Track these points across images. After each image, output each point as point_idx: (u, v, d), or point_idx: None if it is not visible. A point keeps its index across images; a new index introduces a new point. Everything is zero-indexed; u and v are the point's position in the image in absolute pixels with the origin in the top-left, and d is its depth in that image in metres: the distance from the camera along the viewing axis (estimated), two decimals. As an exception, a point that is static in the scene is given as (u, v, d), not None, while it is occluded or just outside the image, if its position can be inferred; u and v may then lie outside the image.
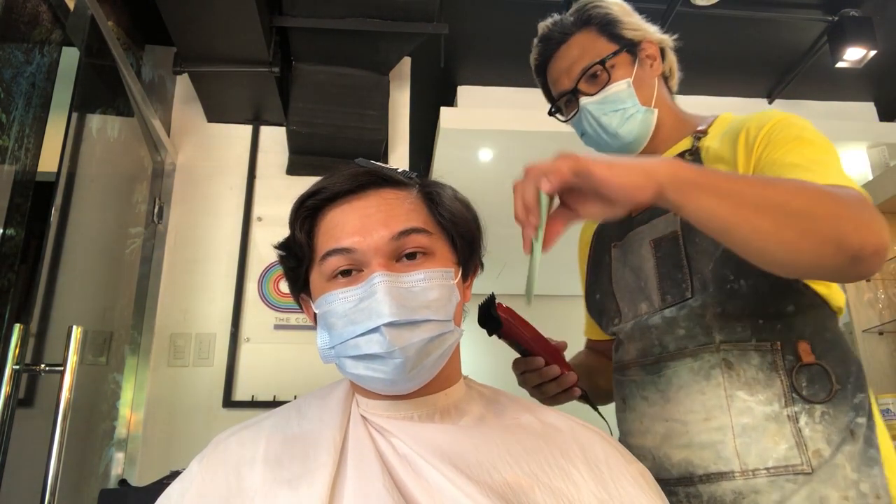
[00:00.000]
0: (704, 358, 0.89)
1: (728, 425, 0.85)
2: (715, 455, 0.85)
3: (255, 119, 2.37)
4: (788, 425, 0.83)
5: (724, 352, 0.87)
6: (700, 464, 0.86)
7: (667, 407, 0.91)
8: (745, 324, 0.88)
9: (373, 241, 0.68)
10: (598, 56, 1.00)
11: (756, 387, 0.85)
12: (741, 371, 0.86)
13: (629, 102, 1.00)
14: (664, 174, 0.67)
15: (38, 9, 1.35)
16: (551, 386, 0.97)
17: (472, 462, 0.66)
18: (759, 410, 0.84)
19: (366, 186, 0.72)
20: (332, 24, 1.99)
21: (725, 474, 0.84)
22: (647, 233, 0.98)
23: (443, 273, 0.70)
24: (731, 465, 0.84)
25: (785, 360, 0.85)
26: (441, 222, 0.74)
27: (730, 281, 0.88)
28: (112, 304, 1.88)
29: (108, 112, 1.78)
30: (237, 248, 2.21)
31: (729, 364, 0.87)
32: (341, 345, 0.68)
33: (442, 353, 0.69)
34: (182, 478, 0.70)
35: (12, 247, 1.24)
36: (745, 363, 0.86)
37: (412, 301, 0.66)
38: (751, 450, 0.83)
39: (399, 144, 2.45)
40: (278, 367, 2.11)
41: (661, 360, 0.93)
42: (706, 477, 0.85)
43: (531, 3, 2.65)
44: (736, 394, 0.86)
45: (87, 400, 1.68)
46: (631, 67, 1.01)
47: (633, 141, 1.02)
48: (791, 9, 2.69)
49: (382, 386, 0.69)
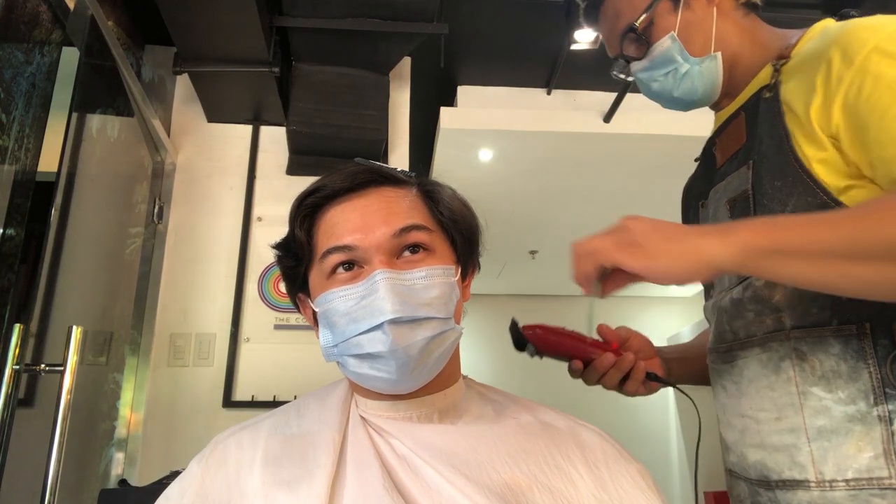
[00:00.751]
0: (773, 348, 0.76)
1: (801, 427, 0.73)
2: (789, 460, 0.74)
3: (255, 119, 2.37)
4: (879, 428, 0.68)
5: (795, 340, 0.74)
6: (774, 468, 0.76)
7: (742, 401, 0.81)
8: (822, 303, 0.73)
9: (374, 238, 0.68)
10: (634, 15, 0.87)
11: (836, 381, 0.71)
12: (816, 362, 0.72)
13: (679, 59, 0.87)
14: (724, 256, 0.61)
15: (38, 9, 1.35)
16: (613, 376, 0.89)
17: (471, 462, 0.66)
18: (839, 410, 0.70)
19: (366, 184, 0.72)
20: (332, 24, 1.99)
21: (801, 482, 0.73)
22: (724, 191, 0.85)
23: (444, 270, 0.70)
24: (806, 472, 0.72)
25: (877, 346, 0.69)
26: (440, 220, 0.74)
27: None
28: (112, 304, 1.88)
29: (108, 112, 1.78)
30: (237, 248, 2.21)
31: (801, 354, 0.73)
32: (344, 343, 0.68)
33: (443, 351, 0.69)
34: (181, 478, 0.70)
35: (12, 247, 1.24)
36: (822, 352, 0.72)
37: (414, 298, 0.66)
38: (828, 457, 0.71)
39: (399, 144, 2.45)
40: (278, 367, 2.11)
41: (733, 349, 0.83)
42: (781, 483, 0.75)
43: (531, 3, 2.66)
44: (810, 390, 0.72)
45: (87, 400, 1.68)
46: (674, 15, 0.87)
47: (700, 98, 0.90)
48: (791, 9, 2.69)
49: (385, 385, 0.69)
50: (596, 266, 0.68)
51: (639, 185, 3.85)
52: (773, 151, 0.76)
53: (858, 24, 0.72)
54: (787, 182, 0.74)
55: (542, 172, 3.70)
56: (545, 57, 2.98)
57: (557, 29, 2.67)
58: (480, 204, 0.80)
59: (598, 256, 0.66)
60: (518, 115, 3.14)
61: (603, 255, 0.66)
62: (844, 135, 0.70)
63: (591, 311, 3.07)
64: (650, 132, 3.15)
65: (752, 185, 0.78)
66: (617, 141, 3.24)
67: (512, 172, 3.66)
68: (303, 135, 2.20)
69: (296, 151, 2.31)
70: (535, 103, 3.20)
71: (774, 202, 0.75)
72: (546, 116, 3.16)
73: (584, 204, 4.19)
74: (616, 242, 0.66)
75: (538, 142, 3.31)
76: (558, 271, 5.67)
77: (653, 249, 0.64)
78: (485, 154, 3.45)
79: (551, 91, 3.18)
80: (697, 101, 0.91)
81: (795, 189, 0.73)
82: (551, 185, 3.89)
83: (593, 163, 3.58)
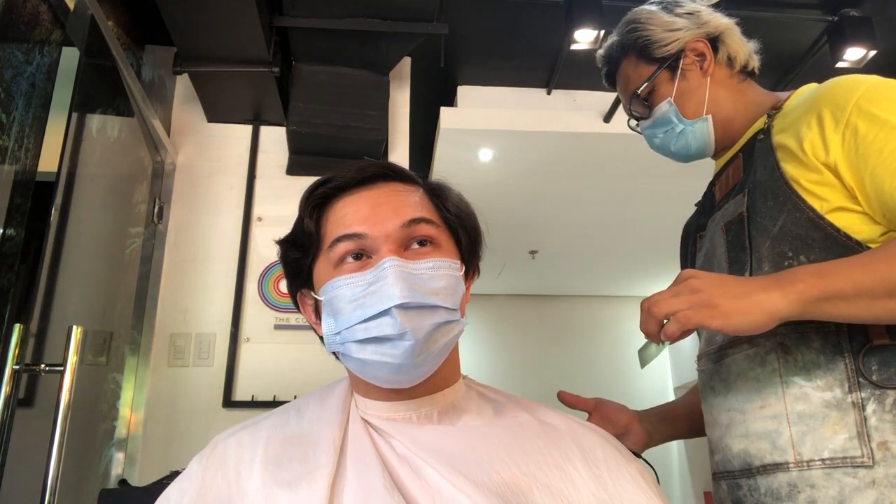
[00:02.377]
0: (760, 343, 0.84)
1: (783, 413, 0.80)
2: (771, 445, 0.81)
3: (255, 119, 2.37)
4: (852, 413, 0.75)
5: (780, 335, 0.81)
6: (757, 454, 0.82)
7: (728, 396, 0.88)
8: None
9: (384, 228, 0.69)
10: (639, 83, 1.02)
11: (815, 371, 0.78)
12: (798, 355, 0.80)
13: (675, 120, 1.00)
14: (786, 308, 0.70)
15: (38, 9, 1.35)
16: None
17: (471, 462, 0.66)
18: (817, 397, 0.78)
19: (375, 178, 0.74)
20: (332, 24, 1.99)
21: (781, 465, 0.79)
22: (720, 217, 0.94)
23: (450, 263, 0.71)
24: (785, 455, 0.79)
25: (853, 341, 0.77)
26: (447, 218, 0.75)
27: (787, 258, 0.82)
28: (112, 304, 1.88)
29: (108, 112, 1.78)
30: (237, 248, 2.21)
31: (786, 348, 0.81)
32: (348, 329, 0.68)
33: (448, 341, 0.69)
34: (181, 478, 0.70)
35: (12, 247, 1.24)
36: (804, 346, 0.80)
37: (422, 287, 0.67)
38: (806, 439, 0.78)
39: (399, 144, 2.45)
40: (278, 367, 2.11)
41: (722, 349, 0.90)
42: (762, 468, 0.81)
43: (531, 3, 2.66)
44: (791, 379, 0.80)
45: (87, 400, 1.68)
46: (671, 84, 1.00)
47: (694, 153, 1.03)
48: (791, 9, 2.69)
49: (387, 372, 0.68)
50: (660, 321, 0.74)
51: (639, 185, 3.85)
52: (765, 178, 0.86)
53: (842, 79, 0.85)
54: (777, 202, 0.83)
55: (542, 172, 3.70)
56: (545, 57, 2.98)
57: (557, 29, 2.67)
58: (480, 204, 0.81)
59: (681, 320, 0.72)
60: (518, 115, 3.14)
61: (685, 319, 0.72)
62: (843, 166, 0.79)
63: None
64: (650, 132, 3.15)
65: (747, 208, 0.87)
66: (617, 141, 3.24)
67: (512, 172, 3.67)
68: (303, 135, 2.20)
69: (296, 151, 2.32)
70: (535, 103, 3.20)
71: (766, 219, 0.84)
72: (546, 116, 3.16)
73: (585, 204, 4.19)
74: (690, 304, 0.72)
75: (538, 142, 3.31)
76: (558, 271, 5.67)
77: (726, 309, 0.71)
78: (485, 154, 3.45)
79: (551, 91, 3.18)
80: (692, 155, 1.04)
81: (785, 207, 0.82)
82: (551, 185, 3.90)
83: (593, 163, 3.59)
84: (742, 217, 0.88)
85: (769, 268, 0.83)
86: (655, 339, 0.76)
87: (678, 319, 0.72)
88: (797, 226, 0.81)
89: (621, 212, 4.31)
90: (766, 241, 0.84)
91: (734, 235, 0.89)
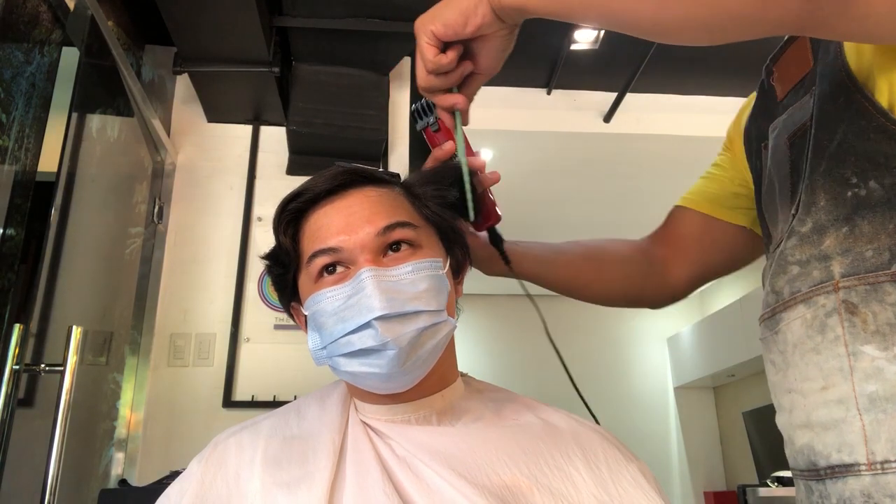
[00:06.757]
0: (819, 303, 0.64)
1: (850, 396, 0.60)
2: (838, 439, 0.61)
3: (255, 119, 2.37)
4: None
5: (844, 290, 0.61)
6: (822, 451, 0.63)
7: (788, 373, 0.69)
8: (879, 245, 0.60)
9: (358, 238, 0.68)
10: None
11: (893, 337, 0.58)
12: (869, 315, 0.60)
13: None
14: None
15: (38, 9, 1.35)
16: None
17: (471, 464, 0.66)
18: (895, 372, 0.58)
19: (348, 185, 0.72)
20: (332, 24, 1.99)
21: (850, 467, 0.60)
22: (783, 126, 0.73)
23: (430, 263, 0.69)
24: (855, 454, 0.60)
25: None
26: (427, 215, 0.74)
27: (850, 185, 0.62)
28: (112, 304, 1.88)
29: (107, 112, 1.78)
30: (237, 248, 2.21)
31: (851, 307, 0.61)
32: (332, 343, 0.67)
33: (436, 343, 0.68)
34: (181, 478, 0.70)
35: (12, 247, 1.24)
36: (877, 303, 0.59)
37: (402, 294, 0.66)
38: (881, 432, 0.58)
39: (399, 144, 2.45)
40: (278, 367, 2.11)
41: (776, 312, 0.71)
42: (830, 470, 0.63)
43: (531, 3, 2.65)
44: (860, 349, 0.60)
45: (87, 400, 1.69)
46: None
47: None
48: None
49: (377, 382, 0.68)
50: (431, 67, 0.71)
51: (639, 185, 3.85)
52: (827, 70, 0.66)
53: None
54: (836, 104, 0.64)
55: (542, 172, 3.70)
56: (545, 57, 2.98)
57: (557, 29, 2.67)
58: (479, 204, 0.80)
59: (419, 41, 0.69)
60: (518, 115, 3.14)
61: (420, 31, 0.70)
62: None
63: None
64: (650, 132, 3.15)
65: (814, 115, 0.66)
66: (617, 141, 3.24)
67: (512, 172, 3.66)
68: (303, 135, 2.20)
69: (296, 151, 2.32)
70: (535, 103, 3.20)
71: (822, 130, 0.65)
72: (546, 116, 3.16)
73: (585, 204, 4.19)
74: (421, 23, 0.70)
75: (538, 142, 3.31)
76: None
77: (434, 11, 0.69)
78: (485, 154, 3.45)
79: (551, 91, 3.18)
80: None
81: (847, 112, 0.63)
82: (551, 185, 3.89)
83: (593, 163, 3.58)
84: (805, 128, 0.67)
85: (825, 201, 0.64)
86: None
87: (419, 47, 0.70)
88: (862, 139, 0.61)
89: (621, 212, 4.31)
90: (822, 164, 0.64)
91: (798, 152, 0.69)
